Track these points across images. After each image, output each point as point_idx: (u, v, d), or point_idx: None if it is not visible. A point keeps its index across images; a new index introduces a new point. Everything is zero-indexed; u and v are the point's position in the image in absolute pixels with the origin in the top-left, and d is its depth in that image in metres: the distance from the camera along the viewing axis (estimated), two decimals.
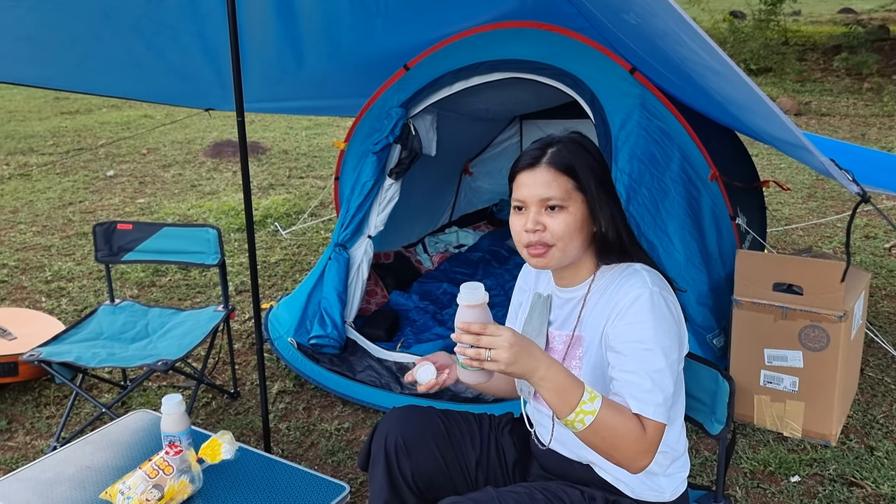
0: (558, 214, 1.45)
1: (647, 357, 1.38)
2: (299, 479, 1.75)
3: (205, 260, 2.90)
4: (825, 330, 2.57)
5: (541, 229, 1.45)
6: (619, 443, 1.34)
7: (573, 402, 1.32)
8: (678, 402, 1.56)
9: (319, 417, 2.92)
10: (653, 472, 1.53)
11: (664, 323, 1.40)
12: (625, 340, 1.41)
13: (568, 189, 1.45)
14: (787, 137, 2.37)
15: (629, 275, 1.47)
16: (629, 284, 1.44)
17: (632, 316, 1.41)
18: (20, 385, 3.18)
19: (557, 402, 1.33)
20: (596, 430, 1.33)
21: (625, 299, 1.42)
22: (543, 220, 1.45)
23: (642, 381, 1.37)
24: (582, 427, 1.32)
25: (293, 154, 7.71)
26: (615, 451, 1.35)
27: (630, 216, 2.79)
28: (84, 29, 2.98)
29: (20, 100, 11.35)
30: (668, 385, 1.38)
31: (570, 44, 2.98)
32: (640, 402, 1.37)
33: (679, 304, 1.49)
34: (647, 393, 1.37)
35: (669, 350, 1.40)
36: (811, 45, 12.26)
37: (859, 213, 5.05)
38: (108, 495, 1.64)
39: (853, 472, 2.48)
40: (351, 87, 3.82)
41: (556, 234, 1.45)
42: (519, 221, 1.48)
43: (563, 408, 1.32)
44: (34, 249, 4.97)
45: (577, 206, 1.46)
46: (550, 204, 1.45)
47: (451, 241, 4.62)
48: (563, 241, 1.45)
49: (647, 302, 1.40)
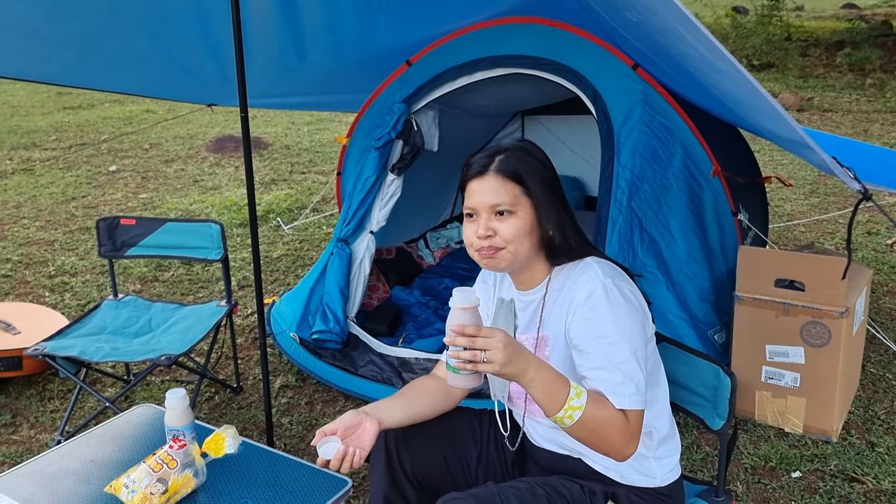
0: (507, 219, 1.50)
1: (611, 351, 1.42)
2: (302, 474, 1.76)
3: (208, 255, 2.91)
4: (827, 326, 2.57)
5: (491, 234, 1.50)
6: (605, 434, 1.38)
7: (561, 400, 1.36)
8: (658, 382, 1.59)
9: (322, 412, 2.93)
10: (641, 454, 1.56)
11: (621, 311, 1.44)
12: (586, 337, 1.44)
13: (516, 195, 1.50)
14: (789, 135, 2.37)
15: (581, 270, 1.51)
16: (583, 279, 1.48)
17: (588, 311, 1.45)
18: (24, 379, 3.19)
19: (547, 400, 1.37)
20: (584, 424, 1.37)
21: (579, 294, 1.47)
22: (493, 225, 1.50)
23: (613, 376, 1.41)
24: (571, 423, 1.37)
25: (295, 149, 7.71)
26: (603, 442, 1.39)
27: (632, 212, 2.79)
28: (88, 24, 2.98)
29: (23, 95, 11.36)
30: (637, 373, 1.42)
31: (573, 39, 2.98)
32: (616, 396, 1.40)
33: (637, 288, 1.53)
34: (619, 386, 1.41)
35: (633, 337, 1.43)
36: (814, 41, 12.22)
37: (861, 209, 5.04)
38: (112, 489, 1.65)
39: (854, 468, 2.49)
40: (353, 82, 3.82)
41: (505, 238, 1.49)
42: (471, 228, 1.54)
43: (552, 406, 1.37)
44: (38, 244, 4.98)
45: (526, 210, 1.51)
46: (499, 209, 1.50)
47: (453, 237, 4.63)
48: (514, 244, 1.50)
49: (601, 295, 1.44)
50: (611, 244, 2.77)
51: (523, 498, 1.46)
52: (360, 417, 1.55)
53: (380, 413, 1.58)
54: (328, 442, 1.52)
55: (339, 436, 1.52)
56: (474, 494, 1.45)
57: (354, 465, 1.51)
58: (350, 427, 1.54)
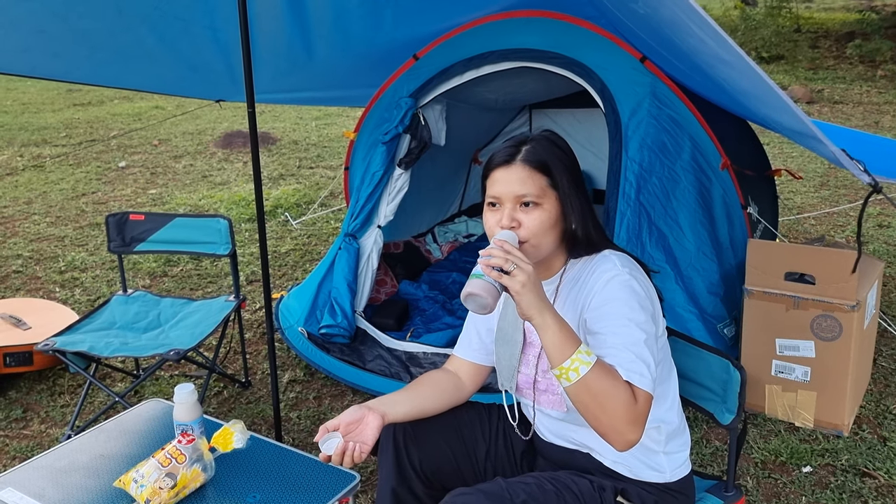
0: (533, 211, 1.47)
1: (624, 332, 1.40)
2: (310, 469, 1.76)
3: (216, 250, 2.92)
4: (838, 319, 2.56)
5: (516, 226, 1.47)
6: (608, 404, 1.33)
7: (570, 351, 1.34)
8: (669, 377, 1.58)
9: (330, 406, 2.94)
10: (650, 448, 1.55)
11: (635, 300, 1.43)
12: (601, 319, 1.43)
13: (542, 186, 1.48)
14: (798, 127, 2.35)
15: (599, 261, 1.50)
16: (601, 269, 1.48)
17: (604, 296, 1.44)
18: (35, 374, 3.21)
19: (557, 346, 1.34)
20: (588, 383, 1.33)
21: (597, 284, 1.46)
22: (518, 216, 1.47)
23: (625, 354, 1.39)
24: (576, 377, 1.33)
25: (303, 144, 7.72)
26: (604, 413, 1.33)
27: (640, 205, 2.78)
28: (96, 21, 2.99)
29: (34, 92, 11.41)
30: (649, 356, 1.39)
31: (580, 32, 2.96)
32: (625, 370, 1.38)
33: (651, 285, 1.53)
34: (631, 363, 1.38)
35: (645, 324, 1.42)
36: (824, 33, 12.11)
37: (873, 201, 5.01)
38: (121, 483, 1.66)
39: (865, 463, 2.47)
40: (361, 77, 3.81)
41: (530, 231, 1.47)
42: (493, 217, 1.50)
43: (560, 354, 1.34)
44: (48, 240, 5.01)
45: (551, 203, 1.48)
46: (525, 200, 1.47)
47: (461, 231, 4.62)
48: (537, 237, 1.47)
49: (617, 283, 1.44)
50: (619, 238, 2.76)
51: (532, 493, 1.45)
52: (362, 412, 1.55)
53: (384, 407, 1.58)
54: (330, 438, 1.52)
55: (342, 431, 1.52)
56: (483, 490, 1.44)
57: (355, 460, 1.50)
58: (352, 422, 1.54)
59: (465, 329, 1.76)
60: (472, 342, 1.74)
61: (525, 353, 1.61)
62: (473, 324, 1.74)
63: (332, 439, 1.52)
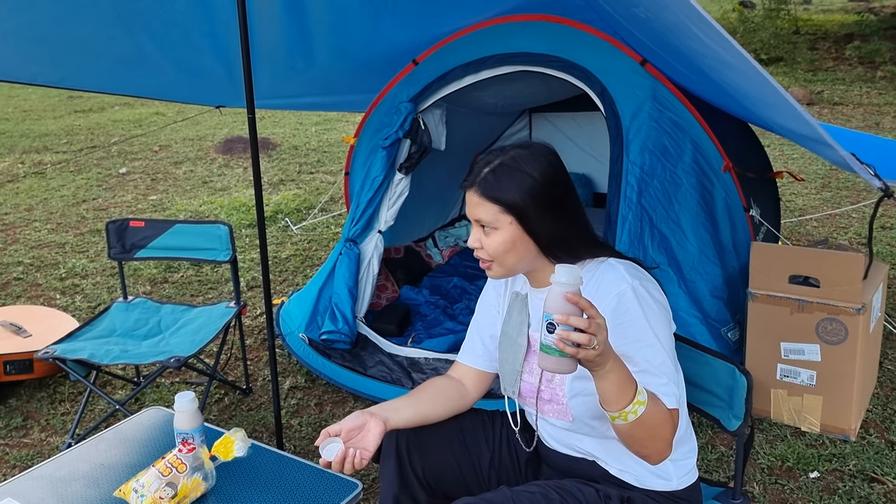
0: (490, 234, 1.48)
1: (651, 354, 1.40)
2: (312, 477, 1.74)
3: (216, 256, 2.91)
4: (843, 323, 2.54)
5: (479, 246, 1.50)
6: (660, 432, 1.35)
7: (630, 394, 1.30)
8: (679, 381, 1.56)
9: (331, 413, 2.92)
10: None
11: (652, 312, 1.42)
12: (625, 342, 1.40)
13: (495, 212, 1.47)
14: (806, 132, 2.33)
15: (604, 271, 1.47)
16: (608, 281, 1.44)
17: (622, 316, 1.41)
18: (35, 382, 3.20)
19: (617, 394, 1.29)
20: (644, 420, 1.31)
21: (607, 298, 1.42)
22: (480, 237, 1.50)
23: (658, 378, 1.39)
24: (634, 418, 1.30)
25: (303, 150, 7.71)
26: (654, 441, 1.35)
27: (642, 209, 2.77)
28: (96, 29, 2.99)
29: (35, 99, 11.42)
30: (674, 373, 1.43)
31: (580, 36, 2.96)
32: (665, 395, 1.38)
33: (660, 288, 1.51)
34: (665, 387, 1.39)
35: (664, 337, 1.43)
36: (822, 34, 12.11)
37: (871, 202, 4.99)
38: (122, 493, 1.64)
39: (873, 468, 2.45)
40: (360, 82, 3.81)
41: (490, 252, 1.49)
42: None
43: (619, 401, 1.29)
44: (49, 247, 5.00)
45: (507, 226, 1.47)
46: (482, 224, 1.49)
47: (462, 236, 4.61)
48: (500, 256, 1.49)
49: (632, 298, 1.41)
50: (621, 241, 2.74)
51: (537, 502, 1.43)
52: (364, 418, 1.53)
53: (386, 413, 1.56)
54: (331, 443, 1.51)
55: (343, 437, 1.51)
56: (487, 499, 1.42)
57: (356, 466, 1.49)
58: (354, 428, 1.52)
59: (468, 336, 1.75)
60: (477, 349, 1.72)
61: (528, 361, 1.60)
62: (477, 330, 1.73)
63: (332, 444, 1.50)
